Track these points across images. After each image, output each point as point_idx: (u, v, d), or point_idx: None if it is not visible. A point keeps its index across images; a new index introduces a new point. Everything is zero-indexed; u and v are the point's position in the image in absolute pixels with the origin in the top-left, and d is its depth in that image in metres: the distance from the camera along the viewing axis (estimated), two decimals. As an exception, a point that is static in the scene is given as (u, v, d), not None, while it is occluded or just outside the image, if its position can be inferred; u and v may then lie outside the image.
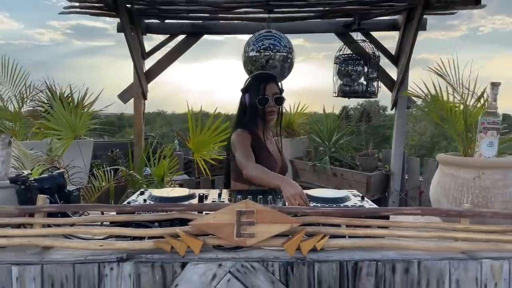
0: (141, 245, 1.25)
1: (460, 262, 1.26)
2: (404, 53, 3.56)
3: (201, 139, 3.24)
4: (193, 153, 3.43)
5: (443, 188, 1.59)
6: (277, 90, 2.04)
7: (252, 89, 2.03)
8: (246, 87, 2.07)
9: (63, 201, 1.48)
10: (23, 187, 1.36)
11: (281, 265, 1.23)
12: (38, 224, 1.28)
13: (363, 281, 1.24)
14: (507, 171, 1.52)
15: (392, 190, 3.93)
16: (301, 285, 1.23)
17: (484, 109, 1.61)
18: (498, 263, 1.26)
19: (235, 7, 3.37)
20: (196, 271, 1.23)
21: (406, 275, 1.25)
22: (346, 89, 3.37)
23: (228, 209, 1.24)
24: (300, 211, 1.31)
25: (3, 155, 1.52)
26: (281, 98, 2.04)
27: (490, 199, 1.49)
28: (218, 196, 1.63)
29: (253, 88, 2.03)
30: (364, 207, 1.46)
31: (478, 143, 1.57)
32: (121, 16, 3.25)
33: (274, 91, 2.02)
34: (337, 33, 3.84)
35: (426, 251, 1.29)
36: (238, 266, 1.23)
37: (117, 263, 1.23)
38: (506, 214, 1.35)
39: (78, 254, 1.26)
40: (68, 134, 2.98)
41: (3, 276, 1.22)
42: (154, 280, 1.23)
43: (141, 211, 1.32)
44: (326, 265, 1.24)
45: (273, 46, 3.03)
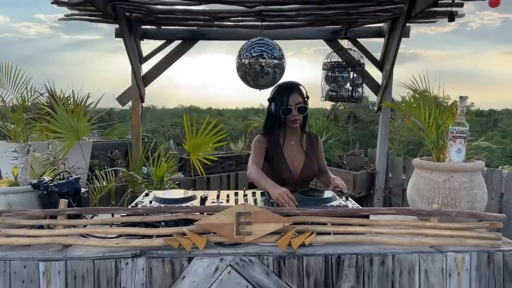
0: (152, 242, 1.43)
1: (428, 255, 1.46)
2: (389, 59, 3.76)
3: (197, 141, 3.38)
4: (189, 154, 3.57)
5: (418, 189, 1.79)
6: (300, 99, 2.17)
7: (277, 99, 2.17)
8: (272, 97, 2.22)
9: (76, 203, 1.65)
10: (45, 192, 1.53)
11: (275, 258, 1.42)
12: (61, 225, 1.46)
13: (345, 272, 1.44)
14: (473, 174, 1.72)
15: (377, 187, 4.15)
16: (291, 276, 1.43)
17: (453, 119, 1.80)
18: (461, 256, 1.46)
19: (230, 16, 3.53)
20: (201, 265, 1.41)
21: (382, 266, 1.45)
22: (333, 95, 3.56)
23: (229, 210, 1.43)
24: (291, 211, 1.50)
25: (23, 162, 1.69)
26: (304, 108, 2.17)
27: (458, 199, 1.68)
28: (216, 198, 1.81)
29: (278, 98, 2.16)
30: (348, 206, 1.65)
31: (448, 149, 1.77)
32: (120, 23, 3.39)
33: (298, 100, 2.16)
34: (326, 39, 4.02)
35: (400, 245, 1.49)
36: (237, 260, 1.41)
37: (131, 258, 1.40)
38: (468, 213, 1.55)
39: (96, 251, 1.43)
40: (71, 137, 3.11)
41: (31, 270, 1.39)
42: (164, 273, 1.41)
43: (152, 213, 1.49)
44: (314, 258, 1.43)
45: (265, 53, 3.21)
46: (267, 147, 2.19)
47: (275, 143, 2.21)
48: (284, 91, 2.17)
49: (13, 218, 1.47)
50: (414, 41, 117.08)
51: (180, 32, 3.99)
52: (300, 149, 2.27)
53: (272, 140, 2.21)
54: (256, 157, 2.15)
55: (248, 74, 3.34)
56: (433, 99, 1.91)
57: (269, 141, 2.20)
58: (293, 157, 2.22)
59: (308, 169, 2.22)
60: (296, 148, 2.25)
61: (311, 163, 2.24)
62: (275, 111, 2.19)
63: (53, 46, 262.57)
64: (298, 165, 2.22)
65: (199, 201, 1.67)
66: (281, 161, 2.18)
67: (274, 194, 1.75)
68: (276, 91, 2.22)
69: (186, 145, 3.38)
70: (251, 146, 2.22)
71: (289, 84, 2.23)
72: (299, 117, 2.17)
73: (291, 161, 2.21)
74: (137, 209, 1.49)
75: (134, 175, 3.14)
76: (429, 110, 1.88)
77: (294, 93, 2.16)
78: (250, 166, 2.09)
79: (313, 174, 2.26)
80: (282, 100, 2.14)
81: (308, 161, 2.24)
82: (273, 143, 2.20)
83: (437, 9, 3.30)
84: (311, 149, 2.28)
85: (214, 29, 4.00)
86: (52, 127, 3.17)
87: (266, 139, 2.21)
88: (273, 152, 2.19)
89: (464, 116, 1.77)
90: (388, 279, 1.45)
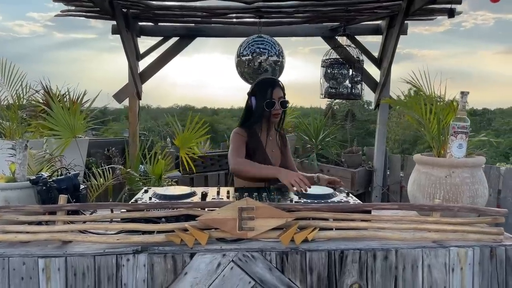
0: (154, 238, 1.41)
1: (431, 250, 1.45)
2: (387, 57, 3.77)
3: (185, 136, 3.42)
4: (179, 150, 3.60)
5: (419, 185, 1.78)
6: (281, 94, 2.20)
7: (259, 93, 2.18)
8: (253, 91, 2.22)
9: (75, 199, 1.62)
10: (44, 187, 1.51)
11: (277, 254, 1.41)
12: (60, 221, 1.43)
13: (349, 267, 1.43)
14: (474, 170, 1.72)
15: (375, 185, 4.15)
16: (295, 271, 1.41)
17: (455, 114, 1.80)
18: (464, 251, 1.46)
19: (228, 13, 3.52)
20: (203, 260, 1.39)
21: (385, 261, 1.44)
22: (332, 92, 3.56)
23: (231, 206, 1.41)
24: (293, 207, 1.49)
25: (21, 158, 1.66)
26: (286, 102, 2.21)
27: (460, 194, 1.68)
28: (216, 194, 1.80)
29: (260, 92, 2.17)
30: (349, 202, 1.65)
31: (449, 145, 1.77)
32: (117, 19, 3.36)
33: (280, 95, 2.19)
34: (324, 36, 4.02)
35: (403, 240, 1.48)
36: (240, 256, 1.40)
37: (132, 254, 1.38)
38: (470, 208, 1.55)
39: (97, 247, 1.41)
40: (67, 134, 3.08)
41: (30, 267, 1.36)
42: (166, 269, 1.39)
43: (153, 208, 1.48)
44: (316, 253, 1.42)
45: (265, 50, 3.20)
46: (247, 140, 2.17)
47: (255, 137, 2.20)
48: (267, 85, 2.18)
49: (12, 214, 1.45)
50: (409, 40, 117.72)
51: (177, 28, 3.97)
52: (276, 145, 2.30)
53: (252, 134, 2.20)
54: (239, 149, 2.09)
55: (247, 72, 3.32)
56: (434, 94, 1.91)
57: (249, 135, 2.18)
58: (271, 152, 2.25)
59: (285, 165, 2.27)
60: (273, 144, 2.28)
61: (285, 159, 2.30)
62: (256, 105, 2.18)
63: (46, 45, 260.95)
64: (276, 161, 2.25)
65: (199, 198, 1.66)
66: (263, 155, 2.18)
67: (286, 177, 1.75)
68: (258, 85, 2.22)
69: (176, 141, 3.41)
70: (230, 139, 2.18)
71: (272, 79, 2.27)
72: (281, 111, 2.20)
73: (270, 155, 2.23)
74: (138, 204, 1.47)
75: (132, 172, 3.12)
76: (429, 106, 1.87)
77: (277, 87, 2.18)
78: (236, 159, 2.02)
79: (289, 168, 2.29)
80: (265, 93, 2.15)
81: (283, 157, 2.29)
82: (253, 137, 2.19)
83: (435, 6, 3.31)
84: (284, 146, 2.34)
85: (211, 26, 3.98)
86: (49, 124, 3.14)
87: (246, 132, 2.19)
88: (254, 146, 2.17)
89: (465, 111, 1.77)
90: (391, 274, 1.44)
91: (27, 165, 2.35)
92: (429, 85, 1.93)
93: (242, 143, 2.14)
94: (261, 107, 2.15)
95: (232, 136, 2.18)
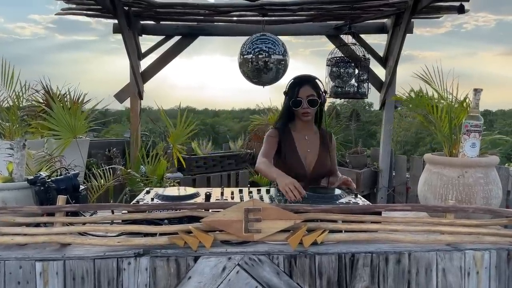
0: (156, 241, 1.35)
1: (446, 253, 1.39)
2: (392, 55, 3.71)
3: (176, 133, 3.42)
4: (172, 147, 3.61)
5: (430, 186, 1.72)
6: (312, 92, 2.12)
7: (288, 91, 2.17)
8: (286, 90, 2.21)
9: (74, 200, 1.57)
10: (42, 188, 1.45)
11: (285, 257, 1.35)
12: (59, 222, 1.37)
13: (360, 271, 1.37)
14: (488, 170, 1.66)
15: (380, 186, 4.09)
16: (303, 276, 1.35)
17: (467, 112, 1.74)
18: (480, 254, 1.40)
19: (231, 11, 3.47)
20: (208, 264, 1.33)
21: (398, 265, 1.38)
22: (338, 91, 3.50)
23: (237, 207, 1.35)
24: (302, 208, 1.43)
25: (18, 157, 1.60)
26: (315, 100, 2.12)
27: (473, 195, 1.62)
28: (221, 195, 1.74)
29: (289, 91, 2.16)
30: (358, 203, 1.59)
31: (462, 144, 1.71)
32: (118, 17, 3.30)
33: (309, 93, 2.11)
34: (328, 35, 3.96)
35: (416, 243, 1.42)
36: (246, 259, 1.34)
37: (134, 257, 1.33)
38: (486, 209, 1.49)
39: (97, 250, 1.35)
40: (67, 135, 3.03)
41: (27, 271, 1.30)
42: (169, 273, 1.33)
43: (155, 210, 1.42)
44: (326, 257, 1.36)
45: (268, 49, 3.14)
46: (279, 141, 2.15)
47: (288, 137, 2.17)
48: (295, 84, 2.15)
49: (8, 215, 1.39)
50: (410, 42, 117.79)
51: (179, 27, 3.91)
52: (314, 145, 2.21)
53: (284, 134, 2.17)
54: (267, 150, 2.11)
55: (250, 71, 3.26)
56: (446, 92, 1.85)
57: (281, 135, 2.16)
58: (306, 152, 2.17)
59: (321, 166, 2.17)
60: (309, 144, 2.20)
61: (324, 160, 2.19)
62: (284, 104, 2.18)
63: (48, 47, 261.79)
64: (311, 161, 2.17)
65: (203, 199, 1.60)
66: (294, 155, 2.13)
67: (281, 183, 1.73)
68: (289, 83, 2.20)
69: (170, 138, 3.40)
70: (264, 140, 2.19)
71: (302, 77, 2.20)
72: (310, 110, 2.12)
73: (303, 156, 2.16)
74: (140, 205, 1.42)
75: (133, 173, 3.06)
76: (441, 103, 1.82)
77: (306, 85, 2.12)
78: (259, 158, 2.07)
79: (325, 171, 2.20)
80: (293, 92, 2.12)
81: (321, 157, 2.18)
82: (285, 137, 2.16)
83: (443, 4, 3.25)
84: (325, 146, 2.23)
85: (214, 25, 3.93)
86: (49, 124, 3.09)
87: (279, 132, 2.16)
88: (285, 146, 2.15)
89: (478, 109, 1.71)
90: (404, 279, 1.38)
91: (26, 165, 2.30)
92: (441, 83, 1.87)
93: (271, 145, 2.14)
94: (288, 106, 2.14)
95: (265, 138, 2.19)
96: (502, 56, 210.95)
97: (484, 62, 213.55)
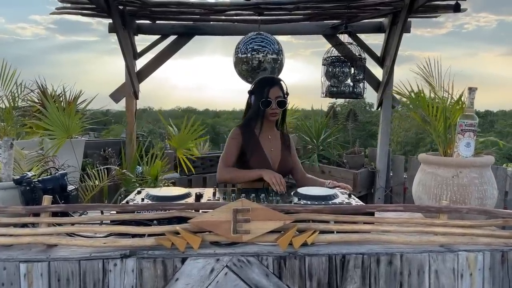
0: (143, 242, 1.33)
1: (439, 254, 1.36)
2: (390, 55, 3.68)
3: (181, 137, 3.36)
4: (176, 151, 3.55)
5: (424, 186, 1.70)
6: (280, 93, 2.16)
7: (257, 91, 2.17)
8: (252, 89, 2.21)
9: (64, 200, 1.54)
10: (28, 188, 1.43)
11: (275, 259, 1.32)
12: (44, 223, 1.35)
13: (351, 273, 1.34)
14: (483, 170, 1.64)
15: (377, 186, 4.06)
16: (293, 277, 1.33)
17: (462, 111, 1.72)
18: (473, 255, 1.37)
19: (226, 10, 3.44)
20: (195, 266, 1.31)
21: (390, 266, 1.35)
22: (334, 90, 3.47)
23: (225, 207, 1.32)
24: (292, 208, 1.40)
25: (6, 157, 1.58)
26: (284, 102, 2.16)
27: (467, 195, 1.60)
28: (212, 195, 1.71)
29: (258, 91, 2.16)
30: (351, 204, 1.56)
31: (457, 143, 1.68)
32: (113, 17, 3.28)
33: (278, 94, 2.14)
34: (325, 34, 3.94)
35: (408, 244, 1.39)
36: (234, 261, 1.32)
37: (120, 259, 1.30)
38: (480, 210, 1.46)
39: (83, 251, 1.33)
40: (62, 135, 3.00)
41: (11, 272, 1.28)
42: (156, 275, 1.31)
43: (143, 210, 1.39)
44: (316, 258, 1.33)
45: (263, 48, 3.11)
46: (242, 141, 2.17)
47: (252, 136, 2.18)
48: (265, 84, 2.16)
49: (-7, 216, 1.37)
50: (411, 43, 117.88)
51: (175, 27, 3.89)
52: (277, 144, 2.26)
53: (249, 133, 2.18)
54: (228, 156, 2.14)
55: (245, 70, 3.24)
56: (443, 90, 1.82)
57: (245, 134, 2.17)
58: (270, 151, 2.21)
59: (284, 164, 2.22)
60: (272, 143, 2.24)
61: (286, 159, 2.24)
62: (253, 104, 2.19)
63: (49, 47, 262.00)
64: (276, 159, 2.21)
65: (194, 199, 1.58)
66: (260, 154, 2.16)
67: (267, 175, 1.87)
68: (257, 83, 2.21)
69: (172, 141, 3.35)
70: (226, 143, 2.20)
71: (271, 78, 2.26)
72: (278, 110, 2.16)
73: (268, 154, 2.19)
74: (126, 205, 1.39)
75: (127, 173, 3.04)
76: (436, 102, 1.79)
77: (275, 86, 2.15)
78: (221, 170, 2.10)
79: (288, 170, 2.27)
80: (262, 92, 2.13)
81: (284, 156, 2.24)
82: (250, 136, 2.17)
83: (439, 3, 3.23)
84: (286, 146, 2.29)
85: (210, 24, 3.90)
86: (43, 124, 3.06)
87: (243, 132, 2.18)
88: (250, 145, 2.16)
89: (473, 108, 1.69)
90: (396, 280, 1.36)
91: (18, 165, 2.28)
92: (437, 82, 1.85)
93: (233, 149, 2.16)
94: (257, 106, 2.14)
95: (228, 140, 2.19)
96: (503, 56, 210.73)
97: (485, 63, 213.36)
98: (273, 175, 1.86)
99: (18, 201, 1.49)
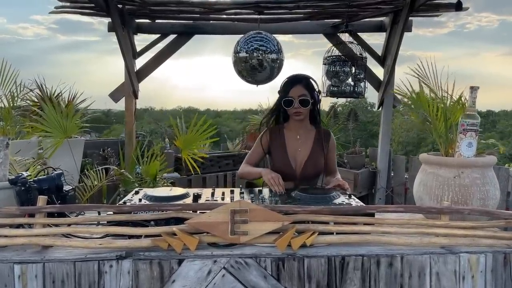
0: (139, 243, 1.30)
1: (440, 256, 1.34)
2: (391, 54, 3.65)
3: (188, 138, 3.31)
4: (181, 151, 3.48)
5: (425, 186, 1.67)
6: (304, 92, 2.09)
7: (281, 91, 2.17)
8: (279, 89, 2.20)
9: (60, 201, 1.52)
10: (23, 188, 1.41)
11: (273, 260, 1.30)
12: (39, 224, 1.33)
13: (350, 275, 1.32)
14: (484, 170, 1.61)
15: (378, 186, 4.04)
16: (291, 279, 1.31)
17: (464, 111, 1.69)
18: (475, 257, 1.35)
19: (226, 9, 3.42)
20: (192, 267, 1.29)
21: (390, 268, 1.33)
22: (335, 90, 3.44)
23: (223, 208, 1.30)
24: (291, 209, 1.38)
25: (1, 157, 1.56)
26: (306, 100, 2.07)
27: (469, 196, 1.57)
28: (211, 195, 1.69)
29: (281, 90, 2.16)
30: (351, 205, 1.54)
31: (458, 143, 1.66)
32: (112, 16, 3.26)
33: (301, 93, 2.08)
34: (326, 33, 3.91)
35: (409, 246, 1.37)
36: (232, 262, 1.29)
37: (116, 260, 1.28)
38: (482, 211, 1.44)
39: (78, 253, 1.31)
40: (59, 135, 2.99)
41: (5, 274, 1.26)
42: (152, 276, 1.28)
43: (139, 211, 1.37)
44: (315, 260, 1.31)
45: (262, 47, 3.09)
46: (269, 142, 2.17)
47: (279, 137, 2.17)
48: (287, 83, 2.16)
49: (-13, 216, 1.35)
50: (413, 42, 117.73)
51: (175, 26, 3.87)
52: (306, 144, 2.15)
53: (276, 133, 2.18)
54: (251, 156, 2.21)
55: (244, 69, 3.21)
56: (441, 90, 1.80)
57: (272, 135, 2.18)
58: (296, 152, 2.14)
59: (312, 166, 2.11)
60: (301, 143, 2.16)
61: (316, 160, 2.12)
62: (276, 103, 2.20)
63: (50, 47, 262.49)
64: (301, 161, 2.12)
65: (192, 199, 1.55)
66: (282, 155, 2.12)
67: (266, 176, 1.86)
68: (282, 83, 2.20)
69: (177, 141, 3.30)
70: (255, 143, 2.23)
71: (293, 76, 2.18)
72: (301, 109, 2.08)
73: (293, 156, 2.13)
74: (122, 206, 1.37)
75: (126, 173, 3.02)
76: (437, 102, 1.77)
77: (298, 85, 2.10)
78: (242, 165, 2.20)
79: (316, 171, 2.14)
80: (285, 91, 2.12)
81: (313, 157, 2.12)
82: (276, 137, 2.17)
83: (440, 2, 3.20)
84: (319, 145, 2.15)
85: (210, 23, 3.88)
86: (41, 126, 3.05)
87: (270, 133, 2.18)
88: (275, 146, 2.15)
89: (475, 107, 1.66)
90: (396, 283, 1.33)
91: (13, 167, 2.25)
92: (436, 82, 1.82)
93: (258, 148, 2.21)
94: (281, 106, 2.14)
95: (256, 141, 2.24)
96: (505, 56, 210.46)
97: (486, 63, 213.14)
98: (272, 175, 1.84)
99: (14, 202, 1.47)
